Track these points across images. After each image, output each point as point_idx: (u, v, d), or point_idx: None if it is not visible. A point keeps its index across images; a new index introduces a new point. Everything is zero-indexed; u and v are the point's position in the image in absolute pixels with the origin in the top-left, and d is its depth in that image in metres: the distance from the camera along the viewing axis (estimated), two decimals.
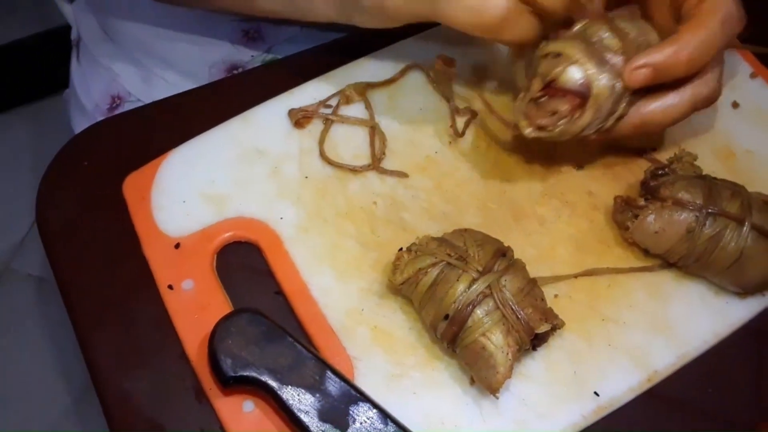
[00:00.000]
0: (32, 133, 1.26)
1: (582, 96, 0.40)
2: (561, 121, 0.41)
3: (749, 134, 0.51)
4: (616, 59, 0.40)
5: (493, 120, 0.50)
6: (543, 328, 0.38)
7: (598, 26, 0.41)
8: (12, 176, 1.18)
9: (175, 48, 0.60)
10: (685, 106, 0.42)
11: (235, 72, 0.61)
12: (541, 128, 0.41)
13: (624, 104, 0.41)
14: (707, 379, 0.43)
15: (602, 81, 0.40)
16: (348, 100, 0.49)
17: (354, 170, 0.47)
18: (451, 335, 0.38)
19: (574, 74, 0.40)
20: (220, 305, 0.42)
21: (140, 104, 0.65)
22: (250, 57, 0.60)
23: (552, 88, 0.41)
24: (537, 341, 0.40)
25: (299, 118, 0.48)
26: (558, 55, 0.40)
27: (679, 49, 0.40)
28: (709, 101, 0.43)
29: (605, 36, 0.41)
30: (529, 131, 0.42)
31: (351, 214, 0.46)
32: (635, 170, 0.49)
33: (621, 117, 0.42)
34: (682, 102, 0.42)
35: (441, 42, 0.52)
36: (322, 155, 0.47)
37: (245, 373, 0.37)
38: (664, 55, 0.40)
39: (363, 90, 0.49)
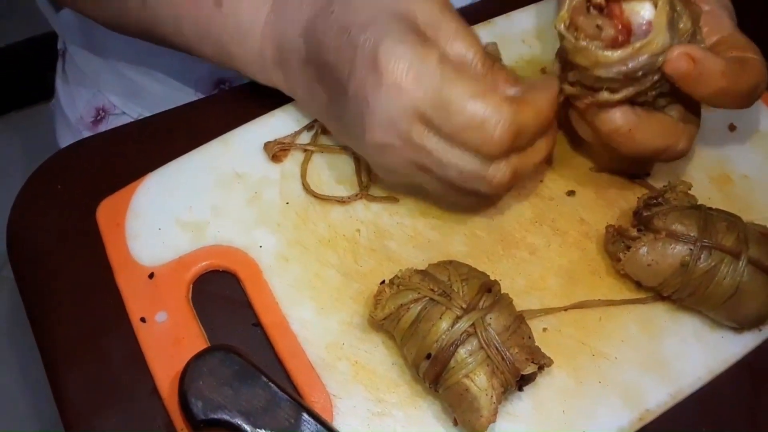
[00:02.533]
0: (22, 140, 1.25)
1: (630, 33, 0.38)
2: (594, 42, 0.38)
3: (746, 158, 0.50)
4: (681, 34, 0.38)
5: None
6: (529, 369, 0.36)
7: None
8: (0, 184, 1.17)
9: (160, 62, 0.59)
10: (656, 143, 0.41)
11: (222, 86, 0.60)
12: (574, 28, 0.39)
13: (646, 85, 0.39)
14: (700, 417, 0.41)
15: (660, 39, 0.37)
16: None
17: (342, 201, 0.45)
18: (433, 375, 0.37)
19: (647, 12, 0.38)
20: (194, 339, 0.41)
21: (125, 117, 0.63)
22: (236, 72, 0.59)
23: (614, 6, 0.38)
24: (523, 382, 0.38)
25: (276, 152, 0.46)
26: None
27: (734, 74, 0.39)
28: (677, 154, 0.42)
29: (681, 10, 0.39)
30: (562, 26, 0.39)
31: (333, 242, 0.44)
32: (628, 196, 0.47)
33: (625, 102, 0.39)
34: (655, 138, 0.41)
35: None
36: (306, 189, 0.46)
37: (216, 416, 0.35)
38: (713, 63, 0.38)
39: None
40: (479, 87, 0.37)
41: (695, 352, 0.42)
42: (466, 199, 0.43)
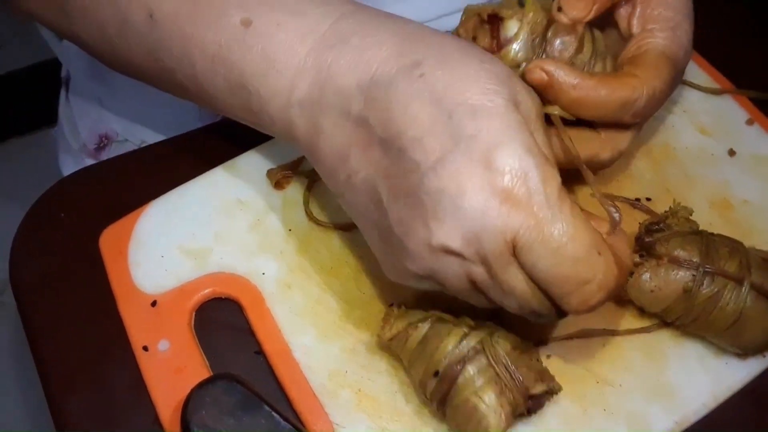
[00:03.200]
0: (24, 167, 1.25)
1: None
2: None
3: (746, 183, 0.50)
4: (580, 63, 0.40)
5: None
6: (539, 388, 0.36)
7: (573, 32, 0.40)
8: (2, 210, 1.17)
9: None
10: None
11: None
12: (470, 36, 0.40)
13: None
14: None
15: (513, 53, 0.39)
16: None
17: (345, 229, 0.45)
18: (441, 394, 0.37)
19: (512, 29, 0.39)
20: (196, 367, 0.40)
21: (128, 144, 0.64)
22: None
23: (494, 22, 0.40)
24: (533, 405, 0.38)
25: (279, 179, 0.46)
26: (521, 4, 0.39)
27: (587, 87, 0.38)
28: (601, 164, 0.42)
29: (566, 39, 0.40)
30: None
31: (336, 269, 0.44)
32: (628, 221, 0.47)
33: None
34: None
35: None
36: (309, 216, 0.46)
37: None
38: (565, 76, 0.38)
39: None
40: (595, 240, 0.32)
41: (700, 379, 0.42)
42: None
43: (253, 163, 0.48)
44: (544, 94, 0.39)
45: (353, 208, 0.37)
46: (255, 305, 0.43)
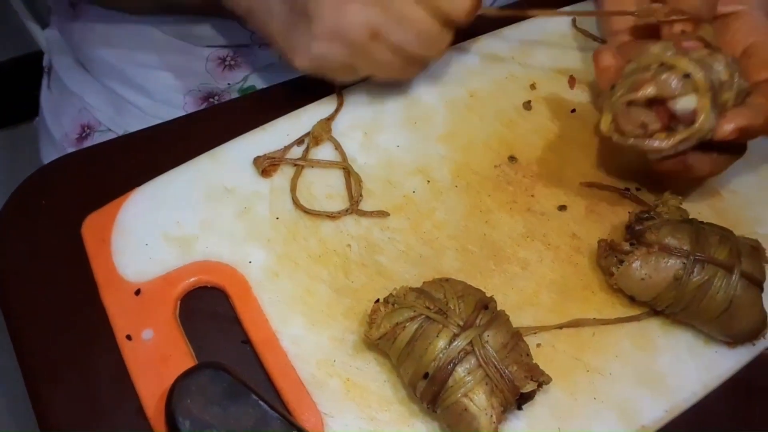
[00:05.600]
0: (5, 159, 1.23)
1: (677, 120, 0.39)
2: (640, 140, 0.40)
3: (735, 173, 0.50)
4: (724, 101, 0.40)
5: (474, 158, 0.48)
6: (529, 387, 0.36)
7: (715, 56, 0.40)
8: None
9: (149, 75, 0.59)
10: (727, 163, 0.43)
11: (211, 100, 0.59)
12: (620, 132, 0.40)
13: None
14: None
15: (709, 121, 0.39)
16: (317, 141, 0.47)
17: (332, 216, 0.45)
18: (431, 395, 0.36)
19: (690, 103, 0.38)
20: (182, 356, 0.40)
21: (111, 134, 0.63)
22: (226, 85, 0.58)
23: (656, 101, 0.39)
24: (522, 400, 0.37)
25: (266, 167, 0.46)
26: (686, 76, 0.38)
27: (762, 118, 0.41)
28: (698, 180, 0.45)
29: (720, 70, 0.39)
30: (607, 128, 0.40)
31: (324, 258, 0.44)
32: (619, 211, 0.47)
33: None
34: (726, 160, 0.43)
35: None
36: (296, 204, 0.45)
37: None
38: (753, 123, 0.40)
39: (328, 127, 0.47)
40: None
41: (689, 367, 0.42)
42: (409, 69, 0.45)
43: (239, 151, 0.47)
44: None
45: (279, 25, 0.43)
46: (242, 294, 0.42)
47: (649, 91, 0.39)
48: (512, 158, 0.49)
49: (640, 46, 0.44)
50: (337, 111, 0.48)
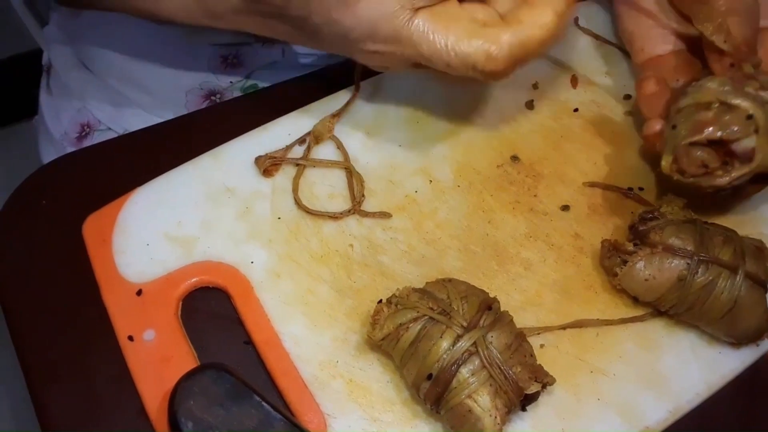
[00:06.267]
0: (5, 158, 1.23)
1: (736, 157, 0.39)
2: (702, 177, 0.40)
3: None
4: None
5: (476, 157, 0.48)
6: (533, 388, 0.36)
7: (766, 91, 0.40)
8: None
9: (150, 73, 0.58)
10: None
11: (213, 98, 0.59)
12: (680, 171, 0.40)
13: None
14: None
15: (766, 158, 0.39)
16: (318, 139, 0.47)
17: (334, 217, 0.45)
18: (435, 396, 0.36)
19: (750, 143, 0.39)
20: (183, 357, 0.39)
21: (111, 133, 0.63)
22: (228, 83, 0.58)
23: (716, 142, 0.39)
24: (527, 401, 0.37)
25: (267, 167, 0.45)
26: (749, 117, 0.38)
27: None
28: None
29: None
30: (669, 169, 0.41)
31: (326, 258, 0.43)
32: (622, 211, 0.47)
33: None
34: None
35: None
36: (298, 204, 0.45)
37: None
38: None
39: (331, 126, 0.47)
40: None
41: (693, 368, 0.42)
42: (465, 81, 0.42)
43: (240, 151, 0.47)
44: None
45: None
46: (243, 294, 0.42)
47: (712, 132, 0.39)
48: (515, 158, 0.48)
49: (686, 72, 0.44)
50: (348, 104, 0.48)
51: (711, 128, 0.39)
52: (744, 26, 0.40)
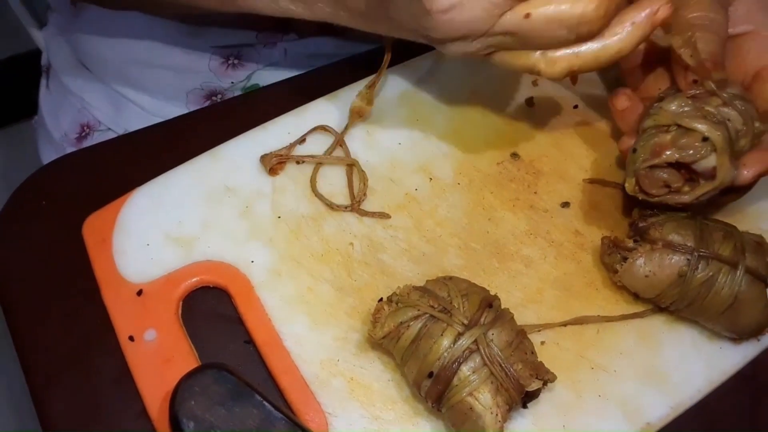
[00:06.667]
0: (4, 158, 1.23)
1: (698, 174, 0.40)
2: (668, 195, 0.41)
3: None
4: (741, 147, 0.41)
5: (476, 155, 0.48)
6: (534, 385, 0.35)
7: (729, 107, 0.40)
8: None
9: (151, 73, 0.58)
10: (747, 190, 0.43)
11: (214, 98, 0.59)
12: (644, 192, 0.41)
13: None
14: (701, 430, 0.40)
15: (729, 175, 0.39)
16: (361, 114, 0.47)
17: (331, 207, 0.45)
18: (436, 394, 0.36)
19: (710, 163, 0.39)
20: (185, 357, 0.39)
21: (110, 133, 0.62)
22: (229, 83, 0.58)
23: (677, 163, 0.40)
24: (528, 398, 0.37)
25: (273, 165, 0.45)
26: (705, 139, 0.39)
27: None
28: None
29: (735, 119, 0.40)
30: (632, 190, 0.41)
31: (326, 257, 0.43)
32: (622, 208, 0.47)
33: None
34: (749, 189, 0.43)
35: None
36: (320, 198, 0.45)
37: None
38: None
39: (371, 97, 0.48)
40: None
41: (694, 364, 0.42)
42: None
43: (240, 150, 0.47)
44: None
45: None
46: (244, 294, 0.42)
47: (669, 155, 0.40)
48: (515, 155, 0.48)
49: (655, 84, 0.44)
50: (380, 72, 0.48)
51: (668, 152, 0.40)
52: (711, 43, 0.40)
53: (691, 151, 0.39)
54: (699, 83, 0.41)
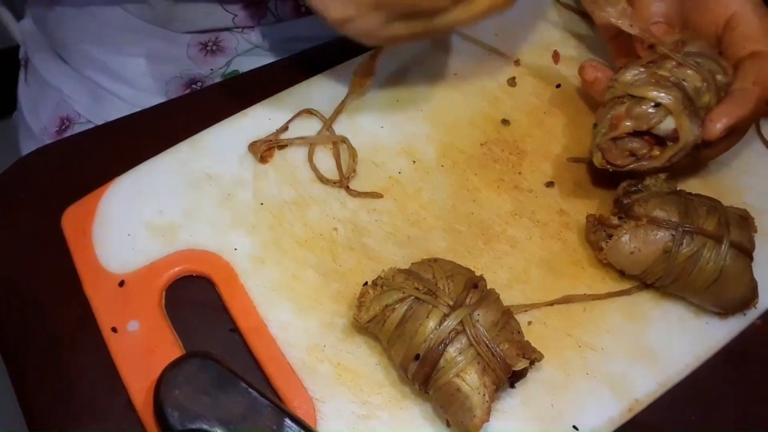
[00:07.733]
0: None
1: (666, 139, 0.40)
2: (635, 163, 0.41)
3: None
4: (705, 104, 0.41)
5: (459, 136, 0.48)
6: (521, 365, 0.35)
7: (684, 67, 0.41)
8: None
9: (129, 63, 0.57)
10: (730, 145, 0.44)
11: (194, 86, 0.58)
12: (613, 164, 0.42)
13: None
14: (689, 405, 0.41)
15: (692, 133, 0.40)
16: (362, 84, 0.47)
17: (322, 180, 0.45)
18: (423, 376, 0.36)
19: (670, 125, 0.40)
20: (169, 347, 0.39)
21: (90, 125, 0.62)
22: (209, 71, 0.57)
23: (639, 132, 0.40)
24: (515, 378, 0.37)
25: (263, 152, 0.45)
26: (657, 105, 0.39)
27: (748, 107, 0.41)
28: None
29: (692, 77, 0.40)
30: (600, 164, 0.42)
31: (310, 242, 0.43)
32: (606, 186, 0.47)
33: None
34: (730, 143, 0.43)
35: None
36: (320, 178, 0.45)
37: (195, 426, 0.34)
38: (739, 115, 0.40)
39: (371, 68, 0.47)
40: None
41: (681, 340, 0.42)
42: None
43: (220, 137, 0.46)
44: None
45: None
46: (228, 282, 0.41)
47: (627, 126, 0.40)
48: (498, 136, 0.48)
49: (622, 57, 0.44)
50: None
51: (627, 122, 0.40)
52: (648, 6, 0.40)
53: (646, 119, 0.40)
54: (654, 49, 0.41)
